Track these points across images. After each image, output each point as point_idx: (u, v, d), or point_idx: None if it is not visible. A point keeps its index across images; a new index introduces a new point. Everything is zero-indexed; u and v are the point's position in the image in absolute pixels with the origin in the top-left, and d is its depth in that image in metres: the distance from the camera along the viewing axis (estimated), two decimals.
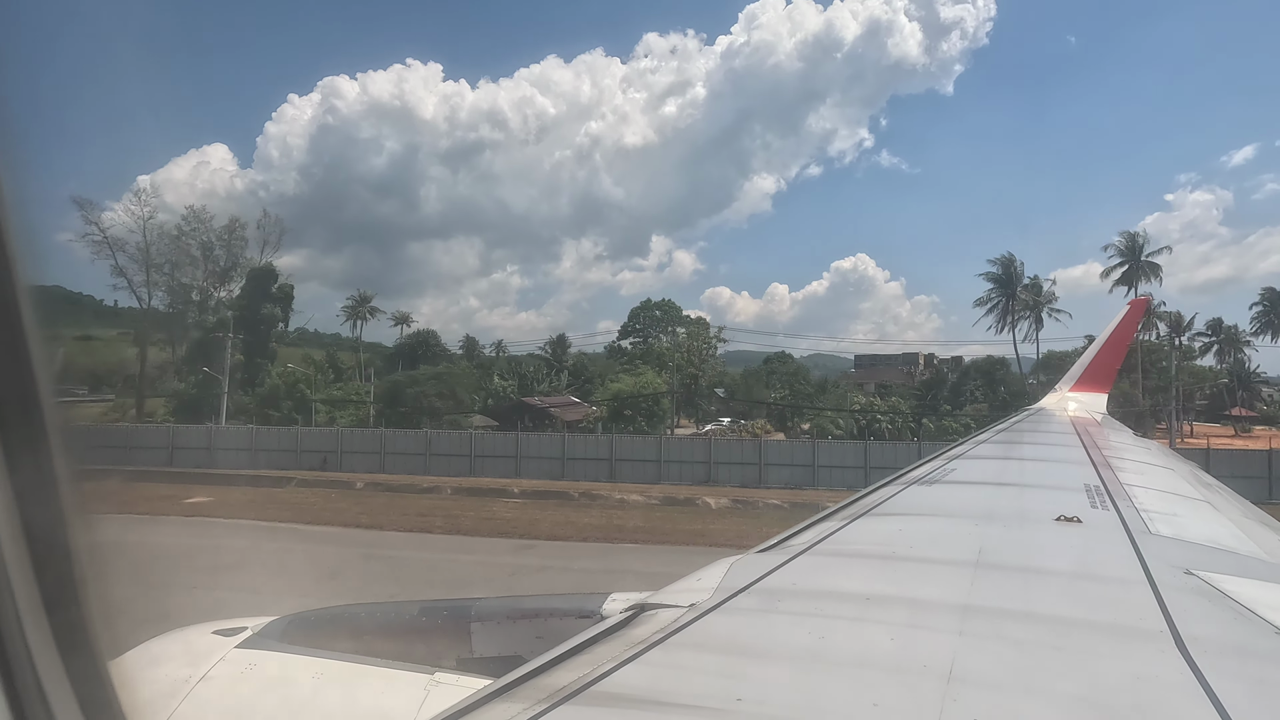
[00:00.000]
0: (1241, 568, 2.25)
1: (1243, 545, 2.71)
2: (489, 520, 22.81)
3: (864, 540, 2.52)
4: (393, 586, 14.22)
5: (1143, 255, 57.25)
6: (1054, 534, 2.53)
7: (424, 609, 2.73)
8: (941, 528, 2.75)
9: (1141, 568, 2.04)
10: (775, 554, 2.23)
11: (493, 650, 2.44)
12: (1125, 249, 58.20)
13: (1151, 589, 1.83)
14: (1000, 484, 3.83)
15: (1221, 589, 1.88)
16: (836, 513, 2.96)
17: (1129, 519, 2.79)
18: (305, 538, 20.54)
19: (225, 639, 2.52)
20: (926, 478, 3.92)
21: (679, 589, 1.87)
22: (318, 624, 2.68)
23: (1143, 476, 4.25)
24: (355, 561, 17.15)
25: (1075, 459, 4.91)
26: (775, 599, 1.79)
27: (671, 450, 33.82)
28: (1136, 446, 6.50)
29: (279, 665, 2.40)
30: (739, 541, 9.75)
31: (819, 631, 1.55)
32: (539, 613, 2.51)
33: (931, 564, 2.16)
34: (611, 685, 1.28)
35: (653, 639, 1.51)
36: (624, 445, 34.54)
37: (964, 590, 1.81)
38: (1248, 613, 1.70)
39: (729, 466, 31.86)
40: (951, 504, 3.26)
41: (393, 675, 2.32)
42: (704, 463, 32.11)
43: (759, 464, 31.52)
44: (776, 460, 31.71)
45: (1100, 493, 3.39)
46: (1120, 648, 1.47)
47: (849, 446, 33.53)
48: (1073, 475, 4.02)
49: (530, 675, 1.33)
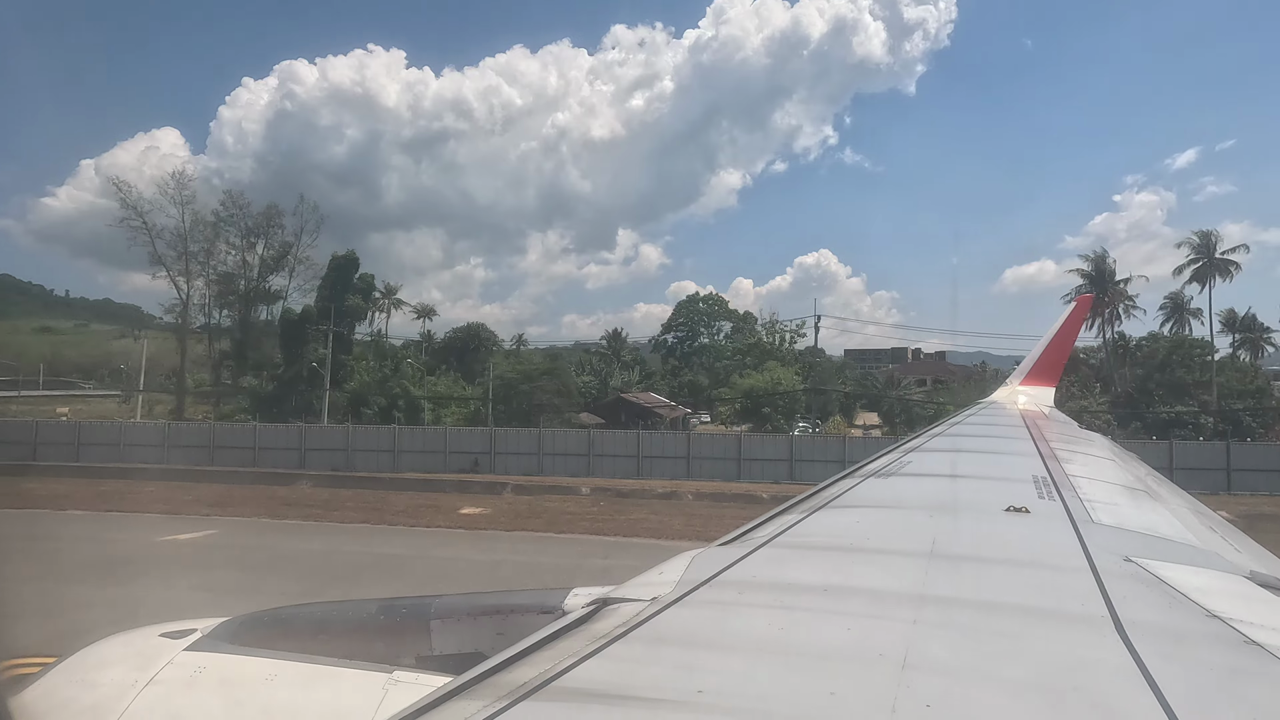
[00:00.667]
0: (1176, 554, 2.33)
1: (1177, 533, 2.80)
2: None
3: (823, 532, 2.58)
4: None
5: (1217, 253, 57.13)
6: (1003, 524, 2.61)
7: (382, 607, 2.71)
8: (897, 519, 2.82)
9: (1084, 556, 2.12)
10: (737, 547, 2.26)
11: (453, 648, 2.42)
12: (1199, 246, 57.84)
13: (1093, 576, 1.91)
14: (953, 476, 3.92)
15: (1157, 575, 1.96)
16: (796, 505, 3.01)
17: (1073, 509, 2.87)
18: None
19: (173, 641, 2.47)
20: (883, 470, 4.01)
21: (641, 583, 1.90)
22: (271, 624, 2.64)
23: (1086, 467, 4.38)
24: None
25: (1024, 451, 5.05)
26: (736, 591, 1.82)
27: (802, 449, 33.37)
28: (1081, 438, 6.77)
29: (230, 667, 2.35)
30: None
31: (779, 623, 1.58)
32: (500, 609, 2.50)
33: (887, 555, 2.22)
34: (573, 680, 1.29)
35: (614, 633, 1.52)
36: (752, 444, 34.30)
37: (918, 580, 1.87)
38: (1181, 597, 1.78)
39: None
40: (907, 496, 3.34)
41: (349, 675, 2.28)
42: (837, 462, 31.71)
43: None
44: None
45: (1047, 483, 3.49)
46: (1064, 633, 1.53)
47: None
48: (1022, 467, 4.13)
49: (490, 672, 1.34)
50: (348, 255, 56.45)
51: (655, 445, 35.09)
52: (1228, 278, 57.52)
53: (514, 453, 35.51)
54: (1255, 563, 2.62)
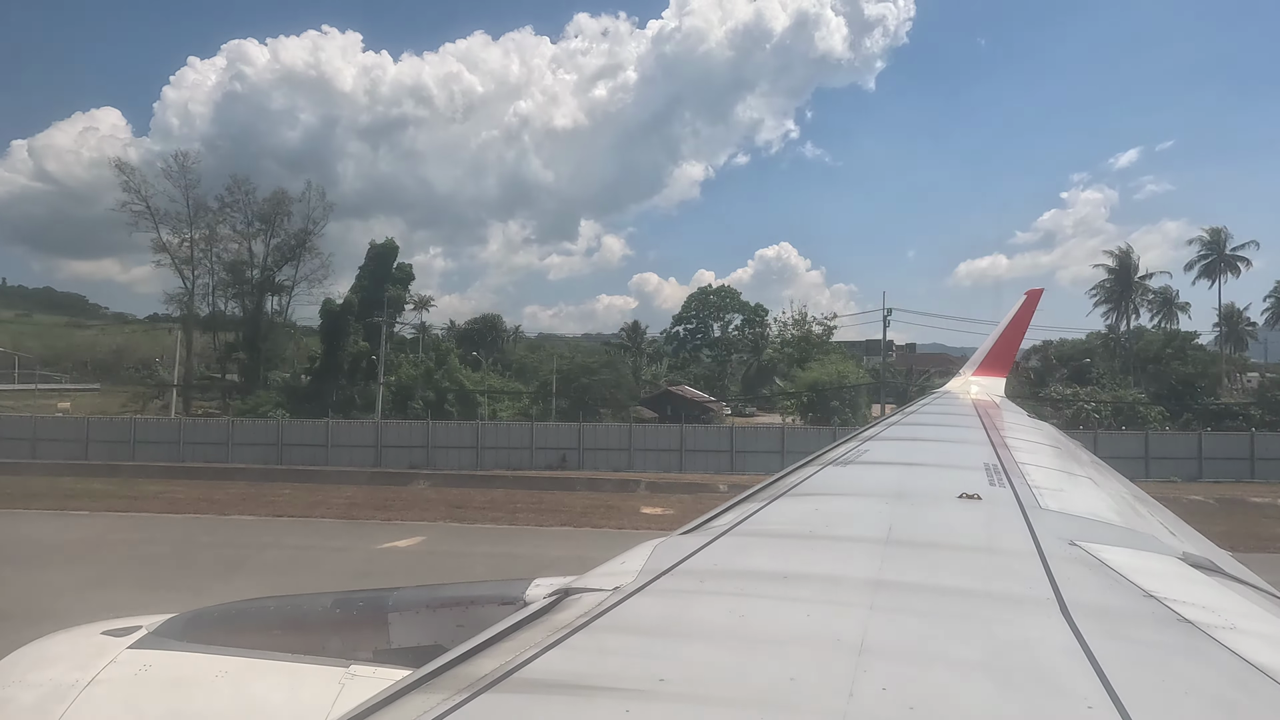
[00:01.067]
0: (1116, 538, 2.43)
1: (1118, 517, 2.91)
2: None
3: (783, 520, 2.62)
4: None
5: (1226, 249, 58.96)
6: (957, 511, 2.69)
7: (338, 600, 2.66)
8: (855, 507, 2.88)
9: (1032, 540, 2.19)
10: (698, 535, 2.29)
11: (412, 641, 2.40)
12: (1209, 243, 59.51)
13: (1040, 560, 1.98)
14: (909, 464, 4.01)
15: (1100, 558, 2.04)
16: (757, 494, 3.06)
17: (1022, 495, 2.96)
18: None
19: (116, 639, 2.39)
20: (841, 459, 4.08)
21: (603, 572, 1.90)
22: (222, 620, 2.58)
23: (1035, 455, 4.50)
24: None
25: (976, 439, 5.17)
26: (698, 580, 1.83)
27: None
28: (1030, 427, 6.96)
29: (177, 665, 2.27)
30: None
31: (740, 610, 1.60)
32: (460, 601, 2.48)
33: (845, 542, 2.26)
34: (534, 671, 1.29)
35: (576, 623, 1.52)
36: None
37: (875, 566, 1.90)
38: (1121, 579, 1.86)
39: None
40: (864, 483, 3.41)
41: (304, 670, 2.24)
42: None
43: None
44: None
45: (998, 471, 3.58)
46: (1012, 615, 1.58)
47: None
48: (974, 455, 4.22)
49: (450, 665, 1.32)
50: (387, 244, 53.57)
51: (748, 441, 34.42)
52: (1235, 273, 60.31)
53: (602, 448, 34.67)
54: (1188, 544, 2.73)
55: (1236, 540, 17.95)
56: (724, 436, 35.03)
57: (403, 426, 37.71)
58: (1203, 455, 33.74)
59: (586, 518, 24.26)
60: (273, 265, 55.12)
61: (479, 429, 36.69)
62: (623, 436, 35.21)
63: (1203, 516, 20.75)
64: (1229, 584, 2.07)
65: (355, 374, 47.07)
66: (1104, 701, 1.16)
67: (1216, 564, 2.34)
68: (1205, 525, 3.82)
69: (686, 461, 34.01)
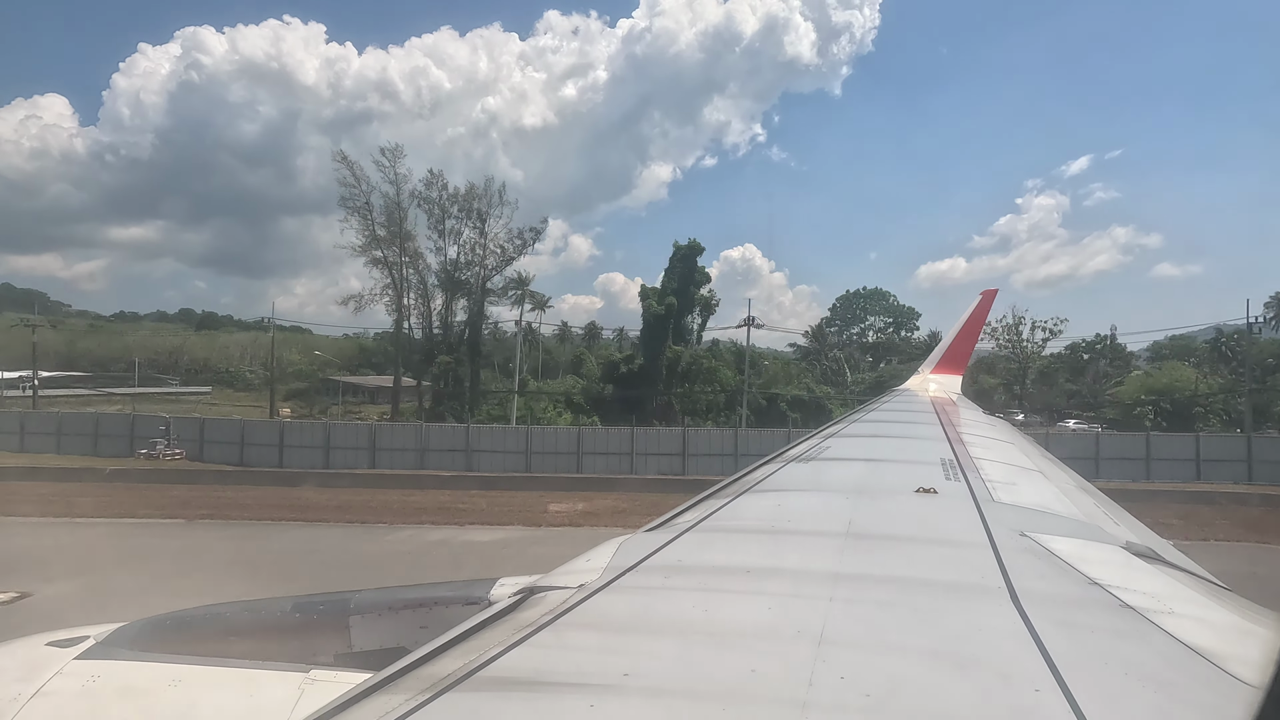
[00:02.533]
0: (1064, 529, 2.52)
1: (1065, 508, 3.02)
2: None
3: (746, 516, 2.66)
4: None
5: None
6: (914, 504, 2.76)
7: (297, 604, 2.60)
8: (816, 502, 2.93)
9: (985, 532, 2.27)
10: (663, 532, 2.30)
11: (374, 644, 2.37)
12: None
13: (993, 550, 2.04)
14: (869, 460, 4.10)
15: (1049, 548, 2.12)
16: (721, 490, 3.10)
17: (976, 489, 3.06)
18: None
19: (62, 650, 2.31)
20: (804, 455, 4.18)
21: (568, 570, 1.91)
22: (176, 628, 2.50)
23: (989, 450, 4.65)
24: None
25: (934, 436, 5.34)
26: (662, 576, 1.85)
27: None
28: (985, 423, 7.20)
29: (128, 674, 2.21)
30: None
31: (703, 605, 1.62)
32: (423, 602, 2.46)
33: (807, 536, 2.31)
34: (498, 670, 1.29)
35: (541, 621, 1.52)
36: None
37: (835, 559, 1.95)
38: (1068, 568, 1.94)
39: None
40: (826, 479, 3.47)
41: (262, 676, 2.19)
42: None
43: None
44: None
45: (954, 466, 3.69)
46: (966, 604, 1.64)
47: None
48: (931, 451, 4.36)
49: (412, 666, 1.32)
50: (691, 244, 50.27)
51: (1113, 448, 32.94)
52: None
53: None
54: (1129, 533, 2.86)
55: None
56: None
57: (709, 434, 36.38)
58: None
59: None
60: (499, 266, 51.10)
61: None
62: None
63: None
64: (1168, 571, 2.17)
65: (671, 379, 45.23)
66: (1050, 685, 1.21)
67: (1156, 552, 2.45)
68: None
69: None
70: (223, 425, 39.10)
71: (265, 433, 37.03)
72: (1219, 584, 2.15)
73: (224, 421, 40.98)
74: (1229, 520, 22.80)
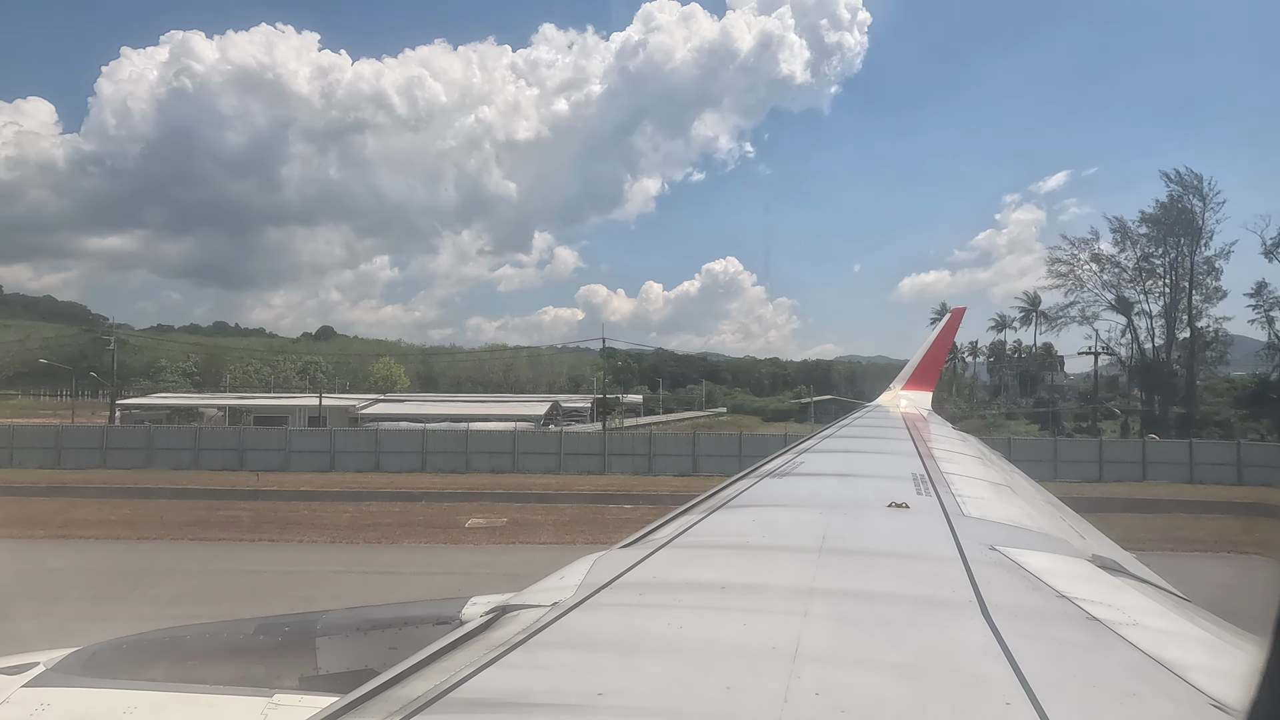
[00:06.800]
0: (1033, 543, 2.57)
1: (1034, 522, 3.08)
2: None
3: (721, 532, 2.66)
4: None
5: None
6: (886, 519, 2.79)
7: (261, 626, 2.54)
8: (790, 517, 2.95)
9: (956, 546, 2.30)
10: (637, 549, 2.30)
11: (341, 665, 2.31)
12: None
13: (964, 565, 2.07)
14: (842, 475, 4.14)
15: (1018, 562, 2.15)
16: (697, 505, 3.09)
17: (947, 504, 3.10)
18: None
19: (9, 677, 2.22)
20: (778, 470, 4.21)
21: (542, 588, 1.89)
22: (132, 652, 2.43)
23: (959, 465, 4.73)
24: None
25: (905, 451, 5.42)
26: (637, 593, 1.83)
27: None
28: (954, 438, 7.30)
29: (81, 701, 2.12)
30: None
31: (678, 622, 1.61)
32: (393, 622, 2.42)
33: (781, 552, 2.31)
34: (470, 691, 1.27)
35: (514, 640, 1.50)
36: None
37: (809, 575, 1.95)
38: (1038, 581, 1.97)
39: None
40: (799, 495, 3.50)
41: (222, 702, 2.12)
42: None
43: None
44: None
45: (925, 481, 3.74)
46: (937, 618, 1.66)
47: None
48: (903, 466, 4.43)
49: (381, 688, 1.29)
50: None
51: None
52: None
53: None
54: (1096, 546, 2.91)
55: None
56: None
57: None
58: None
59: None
60: (1203, 299, 50.10)
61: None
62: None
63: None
64: (1132, 583, 2.21)
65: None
66: (1021, 698, 1.23)
67: (1121, 565, 2.50)
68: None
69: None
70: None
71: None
72: (1180, 596, 2.20)
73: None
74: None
